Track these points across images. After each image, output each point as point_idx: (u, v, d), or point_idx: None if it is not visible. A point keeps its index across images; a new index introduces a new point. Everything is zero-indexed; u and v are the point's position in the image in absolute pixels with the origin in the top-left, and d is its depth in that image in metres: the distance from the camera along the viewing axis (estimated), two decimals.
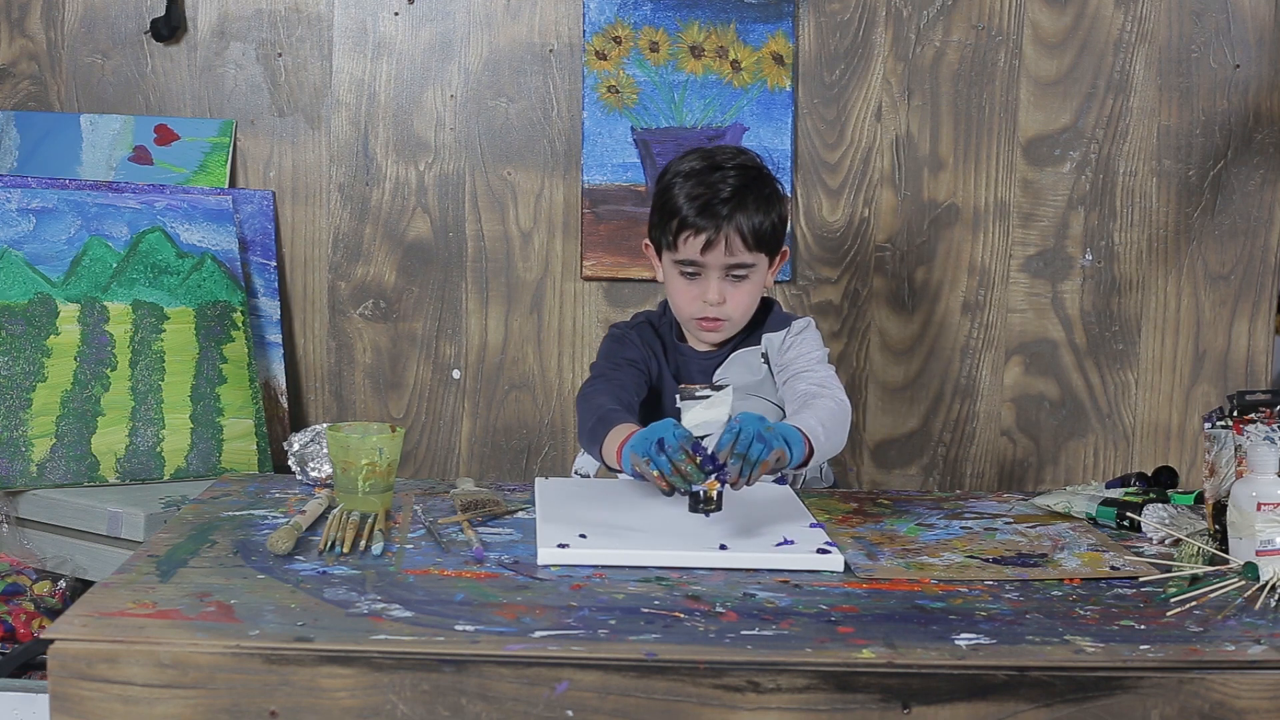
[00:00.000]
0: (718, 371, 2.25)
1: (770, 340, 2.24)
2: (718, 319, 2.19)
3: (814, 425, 1.95)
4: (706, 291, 2.17)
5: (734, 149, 2.28)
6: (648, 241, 2.29)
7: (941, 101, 3.02)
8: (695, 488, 1.78)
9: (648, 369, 2.26)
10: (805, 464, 1.94)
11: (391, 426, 1.99)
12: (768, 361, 2.24)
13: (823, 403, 2.05)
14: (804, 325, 2.26)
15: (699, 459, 1.78)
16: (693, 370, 2.26)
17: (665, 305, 2.32)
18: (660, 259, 2.25)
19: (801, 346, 2.22)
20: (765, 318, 2.28)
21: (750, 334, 2.27)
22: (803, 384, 2.13)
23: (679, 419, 1.87)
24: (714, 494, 1.78)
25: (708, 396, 1.88)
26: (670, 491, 1.81)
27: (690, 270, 2.18)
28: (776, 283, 3.01)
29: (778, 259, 2.25)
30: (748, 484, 1.82)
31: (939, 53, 3.01)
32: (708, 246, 2.15)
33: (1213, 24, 3.00)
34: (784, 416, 2.14)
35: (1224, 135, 3.03)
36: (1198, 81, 3.02)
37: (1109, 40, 3.01)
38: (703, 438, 1.82)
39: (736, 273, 2.18)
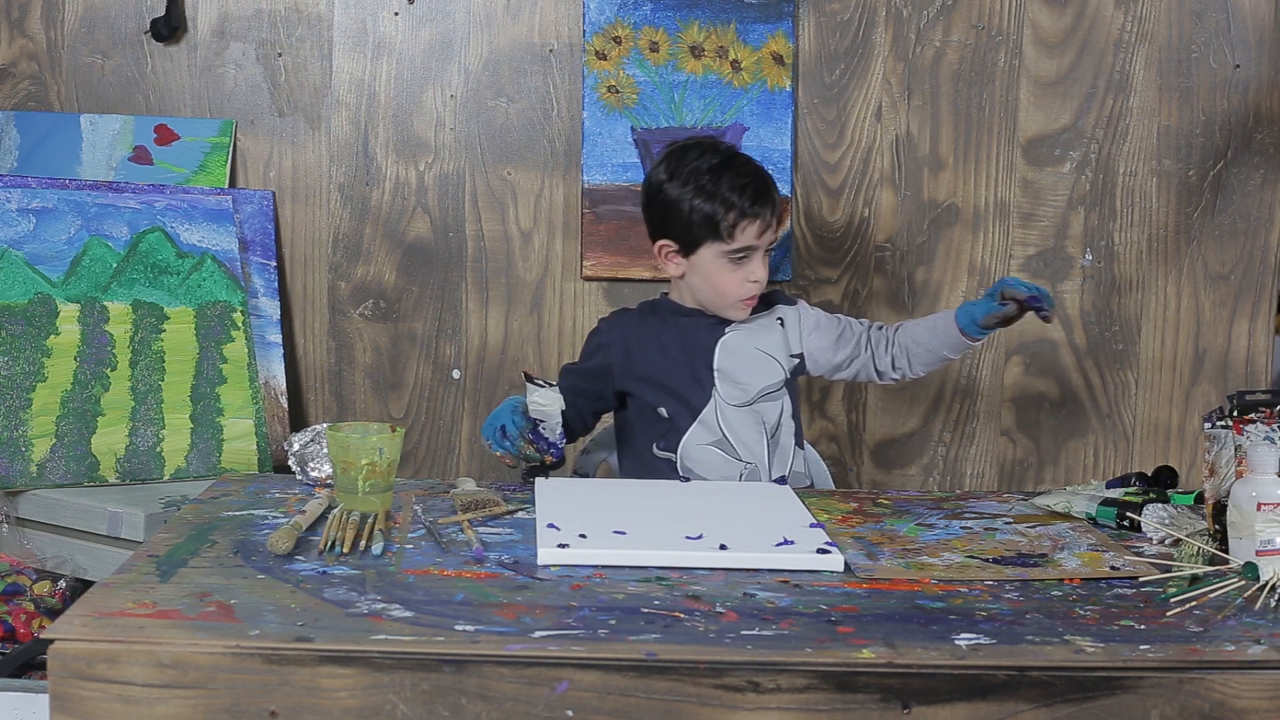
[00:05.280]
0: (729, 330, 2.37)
1: (783, 310, 2.42)
2: (757, 294, 2.36)
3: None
4: (755, 270, 2.32)
5: (710, 140, 2.42)
6: (665, 243, 2.35)
7: (941, 101, 3.02)
8: (558, 456, 2.04)
9: (608, 373, 2.35)
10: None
11: (391, 426, 1.99)
12: (784, 325, 2.40)
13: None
14: (805, 304, 2.48)
15: (536, 445, 2.02)
16: (702, 334, 2.38)
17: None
18: (689, 256, 2.33)
19: (821, 313, 2.44)
20: None
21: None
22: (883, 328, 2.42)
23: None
24: (548, 462, 2.04)
25: (548, 387, 2.09)
26: (514, 465, 2.05)
27: (740, 256, 2.31)
28: (777, 282, 3.01)
29: None
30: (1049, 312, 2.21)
31: (939, 53, 3.01)
32: (764, 229, 2.31)
33: (1213, 24, 3.00)
34: (786, 375, 2.37)
35: (1224, 135, 3.03)
36: (1198, 81, 3.02)
37: (1109, 40, 3.01)
38: (539, 423, 2.05)
39: (770, 249, 2.35)
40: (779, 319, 2.40)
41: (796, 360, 2.40)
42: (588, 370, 2.36)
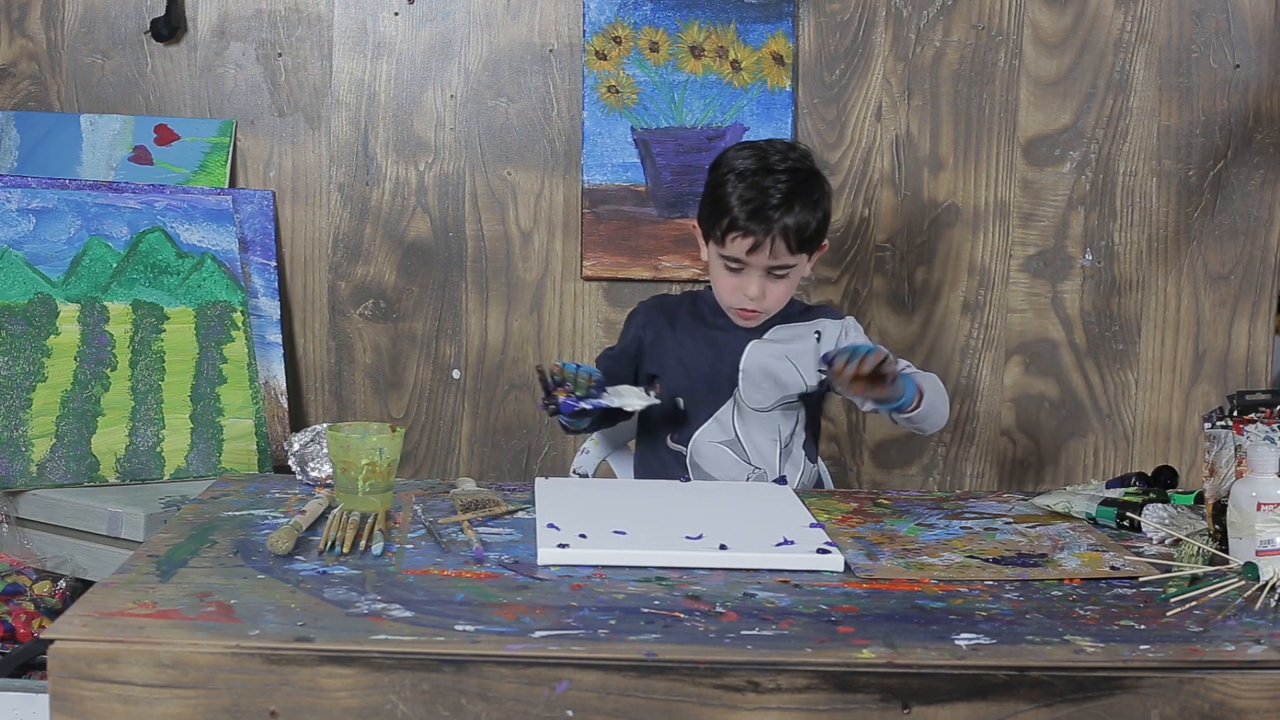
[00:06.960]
0: (753, 345, 2.34)
1: (825, 324, 2.38)
2: (754, 310, 2.30)
3: (918, 379, 2.21)
4: (747, 287, 2.27)
5: (786, 145, 2.33)
6: (695, 224, 2.37)
7: (941, 101, 3.02)
8: (563, 404, 2.08)
9: (639, 353, 2.37)
10: (916, 408, 2.18)
11: (391, 426, 1.99)
12: (819, 339, 2.36)
13: (923, 375, 2.26)
14: (855, 322, 2.44)
15: (591, 386, 2.07)
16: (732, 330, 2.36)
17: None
18: (706, 244, 2.33)
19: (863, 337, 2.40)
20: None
21: (786, 315, 2.37)
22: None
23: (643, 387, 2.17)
24: (557, 397, 2.08)
25: (652, 397, 2.16)
26: (554, 378, 2.07)
27: (734, 265, 2.28)
28: None
29: (817, 253, 2.35)
30: (861, 371, 2.07)
31: (939, 53, 3.01)
32: (754, 249, 2.25)
33: (1213, 24, 3.00)
34: (806, 388, 2.34)
35: (1224, 135, 3.03)
36: (1198, 81, 3.02)
37: (1109, 40, 3.01)
38: (603, 391, 2.11)
39: (778, 272, 2.28)
40: (817, 332, 2.37)
41: (824, 375, 2.34)
42: (623, 352, 2.38)
